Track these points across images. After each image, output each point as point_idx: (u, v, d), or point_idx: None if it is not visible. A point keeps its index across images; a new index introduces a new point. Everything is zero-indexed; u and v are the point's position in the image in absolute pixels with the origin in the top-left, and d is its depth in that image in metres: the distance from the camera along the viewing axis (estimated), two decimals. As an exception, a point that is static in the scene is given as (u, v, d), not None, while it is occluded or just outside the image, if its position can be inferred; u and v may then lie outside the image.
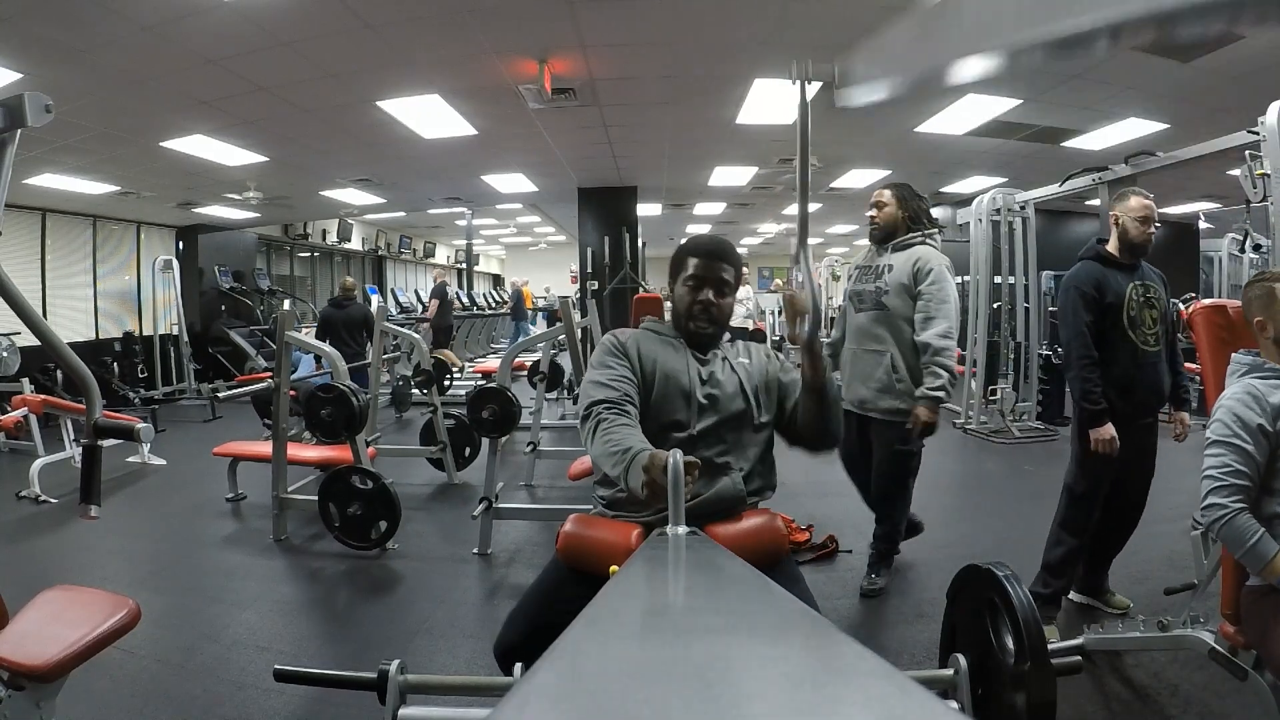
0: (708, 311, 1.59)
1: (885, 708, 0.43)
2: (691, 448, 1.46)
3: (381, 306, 5.81)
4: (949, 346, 2.57)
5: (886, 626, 2.58)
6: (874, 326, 2.73)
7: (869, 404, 2.74)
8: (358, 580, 3.12)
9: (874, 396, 2.71)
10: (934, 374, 2.55)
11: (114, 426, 1.34)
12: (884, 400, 2.69)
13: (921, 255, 2.65)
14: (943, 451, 5.64)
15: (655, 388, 1.54)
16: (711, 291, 1.58)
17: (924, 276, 2.61)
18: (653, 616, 0.78)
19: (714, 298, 1.59)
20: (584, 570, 1.35)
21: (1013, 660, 1.15)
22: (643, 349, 1.59)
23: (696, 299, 1.59)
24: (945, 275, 2.63)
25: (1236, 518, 1.56)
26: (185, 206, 8.21)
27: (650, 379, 1.55)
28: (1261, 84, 4.14)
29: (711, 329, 1.61)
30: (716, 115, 5.49)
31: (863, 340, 2.77)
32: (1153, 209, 2.42)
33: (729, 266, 1.60)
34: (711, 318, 1.59)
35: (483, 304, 14.47)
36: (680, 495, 1.18)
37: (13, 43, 3.56)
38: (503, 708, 0.44)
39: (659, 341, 1.62)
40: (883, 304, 2.70)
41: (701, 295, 1.59)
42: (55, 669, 1.38)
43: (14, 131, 1.19)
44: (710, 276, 1.58)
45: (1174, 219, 9.84)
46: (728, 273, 1.60)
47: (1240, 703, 1.90)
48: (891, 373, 2.66)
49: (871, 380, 2.71)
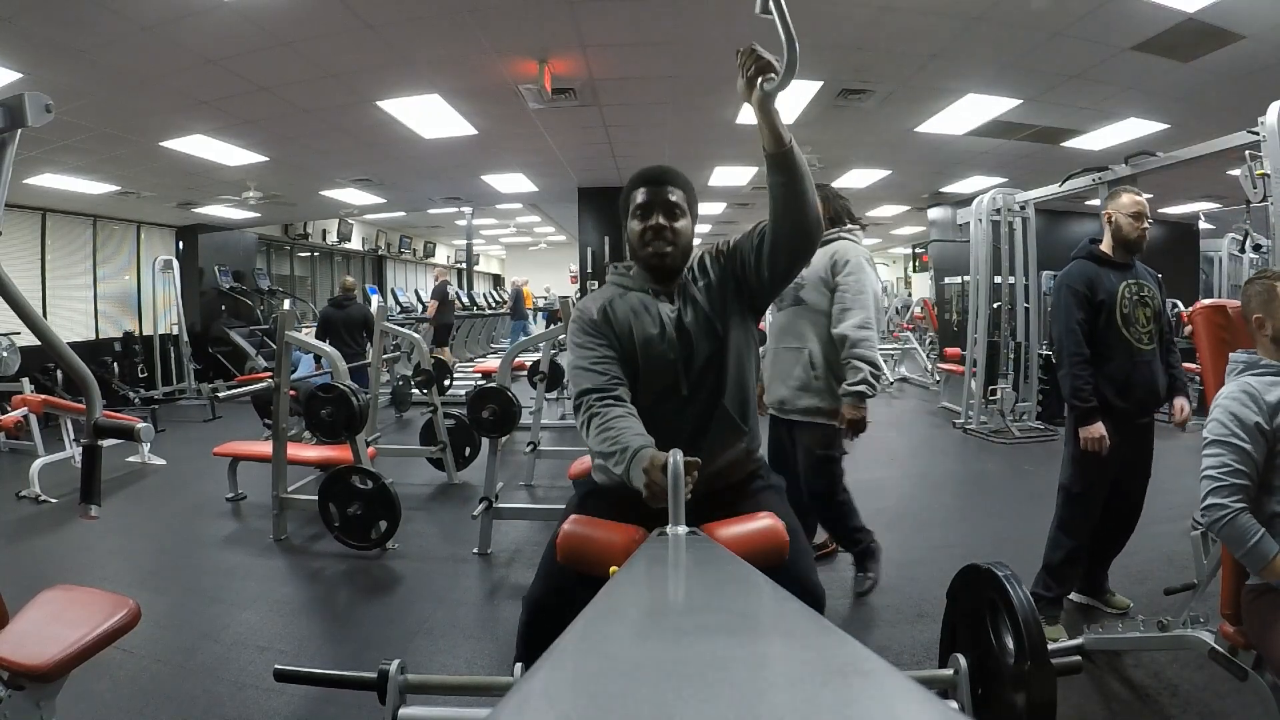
0: (661, 235, 1.51)
1: (885, 708, 0.43)
2: (688, 407, 1.47)
3: (381, 306, 5.81)
4: (867, 338, 2.48)
5: (886, 626, 2.58)
6: (793, 323, 2.67)
7: (788, 404, 2.67)
8: (358, 580, 3.12)
9: (793, 395, 2.65)
10: (854, 369, 2.47)
11: (114, 426, 1.34)
12: (802, 399, 2.63)
13: (839, 248, 2.60)
14: (943, 452, 5.65)
15: (640, 359, 1.50)
16: (661, 214, 1.52)
17: (841, 267, 2.56)
18: (653, 616, 0.78)
19: (664, 219, 1.51)
20: (584, 571, 1.35)
21: (1013, 660, 1.15)
22: (617, 314, 1.53)
23: (647, 225, 1.52)
24: (863, 266, 2.57)
25: (1238, 518, 1.56)
26: (185, 206, 8.22)
27: (631, 350, 1.50)
28: (1261, 84, 4.14)
29: (669, 249, 1.52)
30: (716, 115, 5.49)
31: (782, 338, 2.71)
32: (1145, 205, 2.43)
33: (676, 189, 1.54)
34: (665, 239, 1.51)
35: (483, 304, 14.47)
36: (680, 495, 1.18)
37: (13, 43, 3.56)
38: (502, 708, 0.44)
39: (628, 300, 1.55)
40: (800, 299, 2.64)
41: (652, 220, 1.52)
42: (55, 669, 1.38)
43: (14, 131, 1.19)
44: (657, 200, 1.52)
45: (1174, 219, 9.86)
46: (675, 194, 1.53)
47: (1240, 703, 1.90)
48: (809, 369, 2.60)
49: (790, 379, 2.66)
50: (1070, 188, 5.16)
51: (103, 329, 8.46)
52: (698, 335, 1.49)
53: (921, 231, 12.24)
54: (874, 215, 11.58)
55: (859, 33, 3.94)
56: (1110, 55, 4.14)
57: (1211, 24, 3.68)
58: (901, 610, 2.69)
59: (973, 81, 4.76)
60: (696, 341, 1.49)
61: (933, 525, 3.70)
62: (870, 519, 2.96)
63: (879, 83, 4.78)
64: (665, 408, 1.48)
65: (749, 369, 1.55)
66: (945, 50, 4.20)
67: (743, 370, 1.53)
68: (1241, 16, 3.60)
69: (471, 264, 14.89)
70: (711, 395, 1.49)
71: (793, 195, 1.33)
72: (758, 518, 1.38)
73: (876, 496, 4.31)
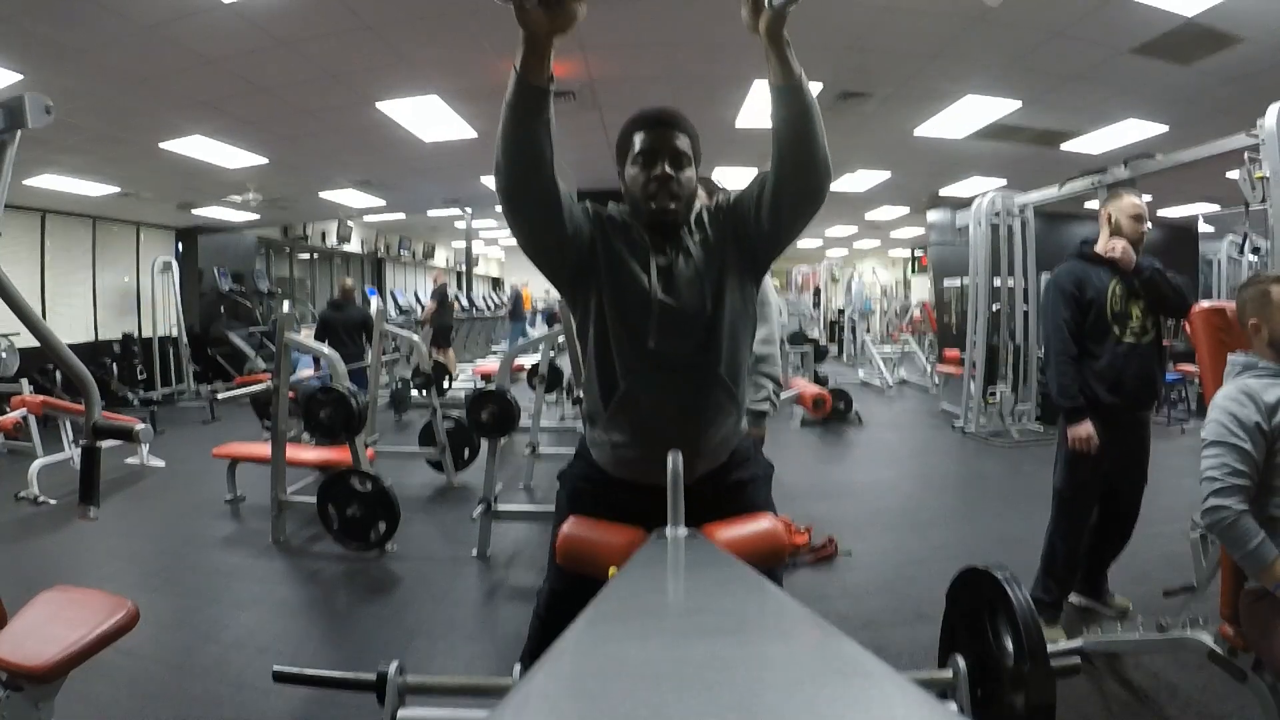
0: (667, 186, 1.33)
1: (884, 709, 0.43)
2: (679, 373, 1.33)
3: (380, 309, 5.81)
4: (771, 354, 2.27)
5: (886, 627, 2.58)
6: None
7: None
8: (357, 582, 3.11)
9: None
10: (757, 385, 2.23)
11: (113, 427, 1.34)
12: None
13: None
14: (942, 453, 5.66)
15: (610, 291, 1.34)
16: (667, 162, 1.34)
17: None
18: (652, 617, 0.78)
19: (671, 169, 1.34)
20: (583, 573, 1.34)
21: (1012, 662, 1.15)
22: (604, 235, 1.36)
23: (652, 174, 1.33)
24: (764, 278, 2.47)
25: (1240, 520, 1.55)
26: (185, 208, 8.22)
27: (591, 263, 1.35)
28: (1260, 86, 4.15)
29: (673, 205, 1.34)
30: (716, 115, 5.49)
31: None
32: (1144, 208, 2.44)
33: (683, 134, 1.37)
34: (673, 193, 1.34)
35: (482, 306, 14.47)
36: (679, 495, 1.18)
37: (13, 43, 3.56)
38: (502, 709, 0.44)
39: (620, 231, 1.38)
40: None
41: (657, 169, 1.33)
42: (54, 670, 1.38)
43: (14, 132, 1.19)
44: (664, 147, 1.34)
45: (1173, 221, 9.87)
46: (682, 141, 1.36)
47: (1239, 704, 1.90)
48: None
49: None
50: (1070, 190, 5.17)
51: (102, 330, 8.46)
52: (687, 290, 1.34)
53: (921, 234, 12.25)
54: (873, 218, 11.59)
55: (858, 35, 3.94)
56: (1110, 58, 4.15)
57: (1211, 27, 3.69)
58: (900, 611, 2.69)
59: (972, 83, 4.77)
60: (685, 296, 1.34)
61: (932, 526, 3.70)
62: (869, 520, 2.97)
63: (878, 85, 4.78)
64: (647, 369, 1.32)
65: (742, 338, 1.41)
66: (945, 52, 4.20)
67: (736, 337, 1.38)
68: (1241, 20, 3.61)
69: (471, 266, 14.88)
70: (705, 360, 1.35)
71: (800, 132, 1.20)
72: (756, 519, 1.38)
73: (876, 498, 4.32)
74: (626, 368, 1.33)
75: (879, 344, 11.10)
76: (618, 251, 1.35)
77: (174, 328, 8.93)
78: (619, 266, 1.34)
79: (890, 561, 3.19)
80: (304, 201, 8.66)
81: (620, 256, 1.35)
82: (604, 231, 1.36)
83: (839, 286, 13.94)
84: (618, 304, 1.33)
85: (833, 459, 5.70)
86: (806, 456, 5.62)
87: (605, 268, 1.34)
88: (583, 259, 1.34)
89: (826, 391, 6.48)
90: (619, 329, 1.33)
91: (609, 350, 1.35)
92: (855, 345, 11.31)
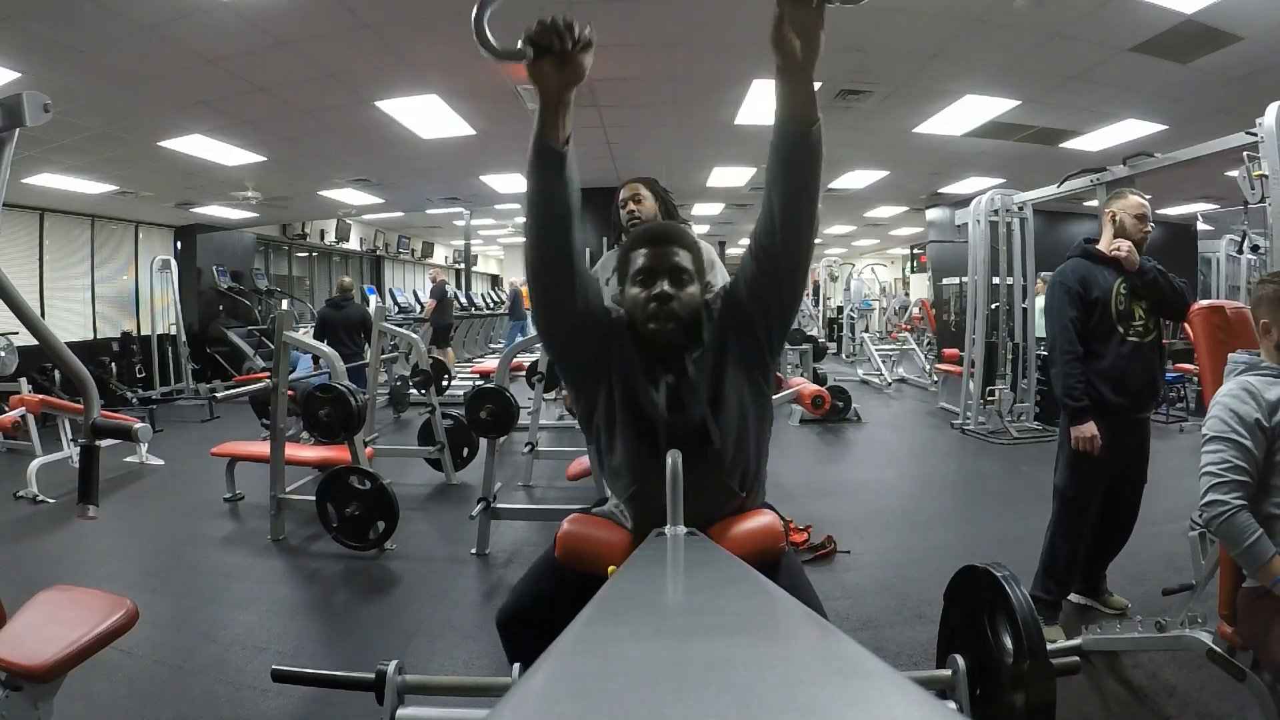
0: (666, 307, 1.29)
1: (883, 708, 0.43)
2: None
3: (379, 307, 5.80)
4: None
5: (885, 626, 2.58)
6: None
7: None
8: (355, 581, 3.11)
9: None
10: None
11: (112, 426, 1.34)
12: None
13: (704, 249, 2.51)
14: (941, 452, 5.66)
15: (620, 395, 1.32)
16: (667, 281, 1.30)
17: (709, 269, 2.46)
18: (652, 616, 0.78)
19: (671, 287, 1.30)
20: (583, 571, 1.35)
21: (1011, 660, 1.15)
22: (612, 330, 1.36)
23: (651, 294, 1.30)
24: (721, 266, 2.47)
25: (1237, 515, 1.55)
26: (184, 206, 8.21)
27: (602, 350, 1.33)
28: (1260, 85, 4.15)
29: (672, 325, 1.30)
30: (715, 115, 5.49)
31: None
32: (1149, 208, 2.43)
33: (683, 250, 1.34)
34: (671, 313, 1.29)
35: (481, 304, 14.46)
36: (679, 495, 1.18)
37: (12, 42, 3.56)
38: (501, 708, 0.44)
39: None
40: None
41: (656, 288, 1.30)
42: (53, 669, 1.38)
43: (12, 131, 1.19)
44: (662, 265, 1.31)
45: (1172, 220, 9.87)
46: (682, 257, 1.33)
47: (1238, 703, 1.91)
48: None
49: None
50: (1068, 189, 5.17)
51: (101, 329, 8.44)
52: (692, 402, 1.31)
53: (919, 232, 12.25)
54: (872, 216, 11.60)
55: (858, 33, 3.94)
56: (1109, 56, 4.15)
57: (1210, 25, 3.69)
58: (899, 611, 2.70)
59: (971, 82, 4.77)
60: (690, 409, 1.31)
61: (931, 526, 3.70)
62: (868, 519, 2.97)
63: (878, 83, 4.78)
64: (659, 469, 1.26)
65: (751, 432, 1.35)
66: (944, 51, 4.20)
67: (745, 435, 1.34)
68: (1240, 18, 3.61)
69: (470, 264, 14.86)
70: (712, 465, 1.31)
71: (805, 180, 1.19)
72: (756, 515, 1.38)
73: (874, 497, 4.33)
74: (640, 469, 1.32)
75: (878, 342, 11.09)
76: (629, 359, 1.33)
77: (173, 326, 8.93)
78: (631, 376, 1.32)
79: (889, 561, 3.19)
80: (303, 200, 8.65)
81: (632, 367, 1.33)
82: (618, 333, 1.35)
83: (838, 284, 13.95)
84: (629, 409, 1.32)
85: (831, 457, 5.70)
86: (805, 455, 5.63)
87: (619, 371, 1.33)
88: (595, 351, 1.33)
89: (825, 390, 6.48)
90: (630, 432, 1.32)
91: (619, 449, 1.34)
92: (854, 343, 11.32)
